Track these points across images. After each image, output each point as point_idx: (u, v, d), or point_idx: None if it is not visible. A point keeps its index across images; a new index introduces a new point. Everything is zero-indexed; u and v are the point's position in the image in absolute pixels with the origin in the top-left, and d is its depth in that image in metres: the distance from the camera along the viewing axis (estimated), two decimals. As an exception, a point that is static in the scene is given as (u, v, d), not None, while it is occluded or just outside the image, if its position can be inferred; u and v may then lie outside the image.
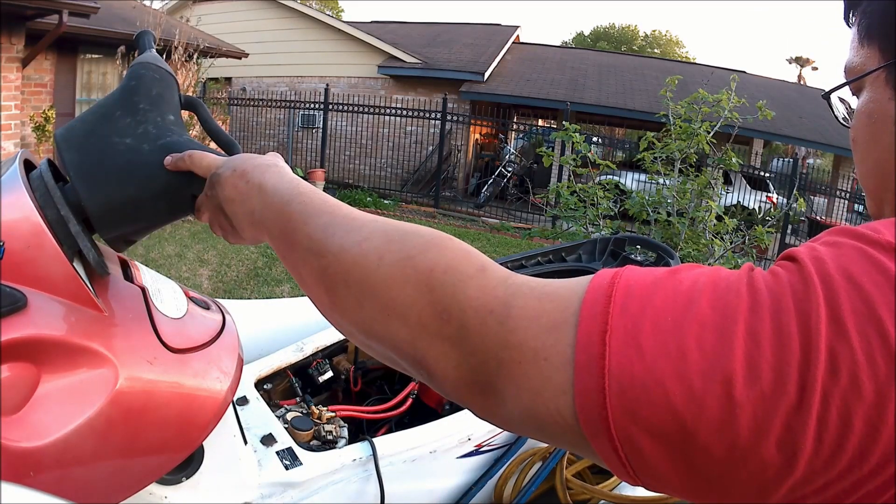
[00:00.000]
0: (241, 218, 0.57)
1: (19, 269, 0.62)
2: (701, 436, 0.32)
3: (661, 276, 0.38)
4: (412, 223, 0.48)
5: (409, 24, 16.03)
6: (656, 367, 0.33)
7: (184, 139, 0.68)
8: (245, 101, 12.28)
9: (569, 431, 0.36)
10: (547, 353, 0.37)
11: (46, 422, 0.61)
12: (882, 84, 0.46)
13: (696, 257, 4.66)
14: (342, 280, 0.46)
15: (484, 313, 0.39)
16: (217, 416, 0.76)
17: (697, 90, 4.94)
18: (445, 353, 0.41)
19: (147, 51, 0.76)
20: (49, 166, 0.69)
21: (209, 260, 5.34)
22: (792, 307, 0.33)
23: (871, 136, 0.48)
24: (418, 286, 0.42)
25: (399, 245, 0.45)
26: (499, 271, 0.42)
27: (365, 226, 0.48)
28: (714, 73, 9.27)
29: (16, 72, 6.34)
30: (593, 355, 0.35)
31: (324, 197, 0.53)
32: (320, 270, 0.47)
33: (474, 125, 12.20)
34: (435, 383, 0.43)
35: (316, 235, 0.49)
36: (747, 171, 10.18)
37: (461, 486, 1.22)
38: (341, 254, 0.46)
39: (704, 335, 0.33)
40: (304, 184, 0.56)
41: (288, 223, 0.52)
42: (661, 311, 0.35)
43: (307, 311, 1.57)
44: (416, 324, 0.42)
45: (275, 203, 0.54)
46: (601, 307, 0.36)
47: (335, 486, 1.03)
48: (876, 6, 0.47)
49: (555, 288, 0.40)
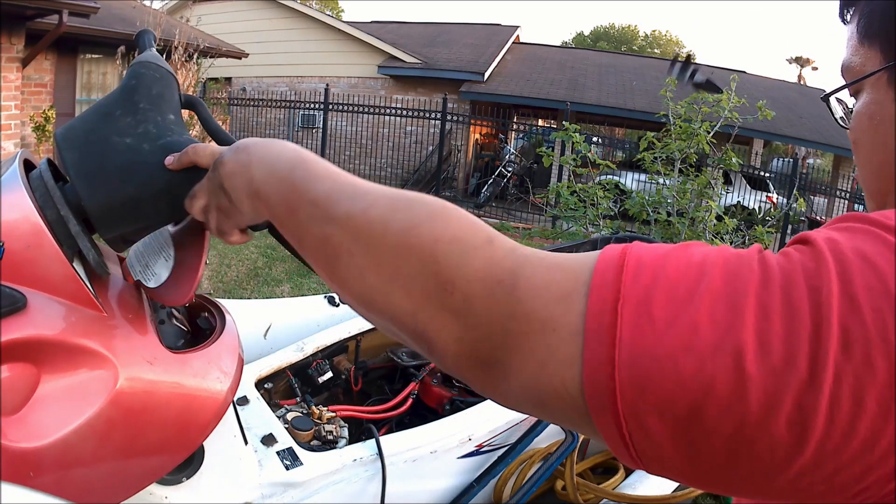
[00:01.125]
0: (241, 189, 0.56)
1: (19, 269, 0.62)
2: (710, 412, 0.31)
3: (671, 249, 0.37)
4: (416, 192, 0.47)
5: (409, 24, 16.03)
6: (668, 338, 0.33)
7: (184, 138, 0.68)
8: (245, 101, 12.28)
9: (571, 406, 0.36)
10: (555, 323, 0.36)
11: (46, 422, 0.61)
12: (884, 85, 0.46)
13: (697, 257, 4.65)
14: (346, 249, 0.44)
15: (491, 283, 0.38)
16: (217, 416, 0.76)
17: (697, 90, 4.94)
18: (447, 325, 0.40)
19: (147, 50, 0.76)
20: (49, 166, 0.69)
21: (209, 260, 5.34)
22: (803, 283, 0.32)
23: (874, 139, 0.47)
24: (422, 256, 0.41)
25: (404, 213, 0.43)
26: (506, 242, 0.41)
27: (369, 193, 0.46)
28: (714, 73, 9.27)
29: (16, 72, 6.34)
30: (604, 324, 0.34)
31: (327, 164, 0.52)
32: (323, 238, 0.46)
33: (474, 125, 12.19)
34: (435, 356, 0.42)
35: (320, 202, 0.47)
36: (747, 171, 10.17)
37: (461, 486, 1.22)
38: (346, 221, 0.45)
39: (716, 308, 0.33)
40: (308, 152, 0.54)
41: (291, 190, 0.50)
42: (674, 281, 0.34)
43: (307, 311, 1.57)
44: (420, 296, 0.41)
45: (277, 170, 0.53)
46: (613, 276, 0.35)
47: (336, 486, 1.03)
48: (876, 5, 0.47)
49: (565, 259, 0.39)
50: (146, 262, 0.74)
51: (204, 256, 0.70)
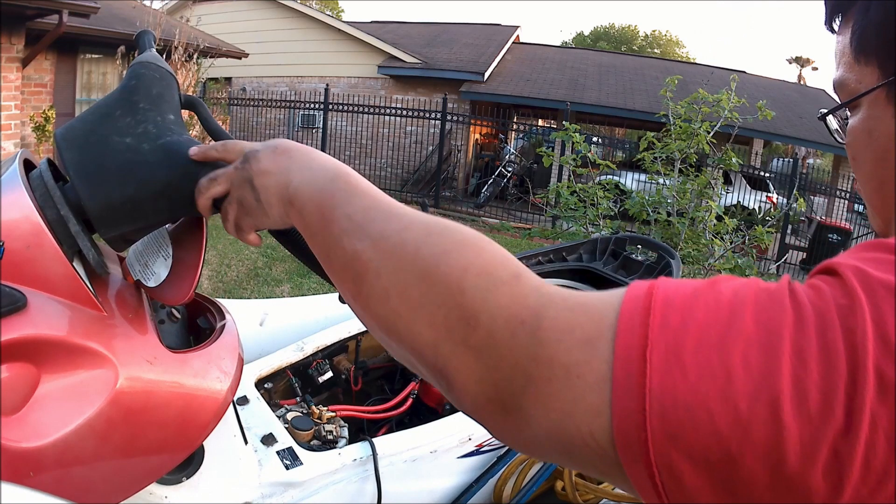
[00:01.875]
0: (274, 191, 0.55)
1: (19, 269, 0.62)
2: (746, 461, 0.31)
3: (700, 288, 0.36)
4: (450, 221, 0.46)
5: (409, 24, 16.03)
6: (701, 387, 0.31)
7: (184, 138, 0.68)
8: (245, 101, 12.28)
9: (601, 456, 0.34)
10: (580, 369, 0.34)
11: (46, 422, 0.61)
12: (883, 101, 0.45)
13: (696, 257, 4.66)
14: (374, 268, 0.44)
15: (515, 323, 0.37)
16: (217, 415, 0.76)
17: (697, 90, 4.95)
18: (468, 364, 0.39)
19: (147, 50, 0.76)
20: (49, 166, 0.69)
21: (209, 260, 5.34)
22: (837, 324, 0.32)
23: (875, 156, 0.47)
24: (449, 285, 0.40)
25: (437, 238, 0.43)
26: (532, 279, 0.40)
27: (406, 215, 0.46)
28: (714, 73, 9.28)
29: (16, 72, 6.34)
30: (633, 373, 0.33)
31: (366, 181, 0.52)
32: (353, 254, 0.46)
33: (474, 125, 12.20)
34: (454, 395, 0.41)
35: (356, 217, 0.47)
36: (747, 171, 10.18)
37: (461, 486, 1.22)
38: (379, 241, 0.45)
39: (750, 353, 0.32)
40: (347, 167, 0.54)
41: (329, 200, 0.50)
42: (704, 326, 0.33)
43: (307, 311, 1.57)
44: (442, 326, 0.40)
45: (318, 178, 0.52)
46: (640, 319, 0.34)
47: (336, 486, 1.03)
48: (870, 20, 0.45)
49: (589, 299, 0.38)
50: (145, 262, 0.74)
51: (202, 254, 0.70)
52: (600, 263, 2.20)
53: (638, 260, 2.19)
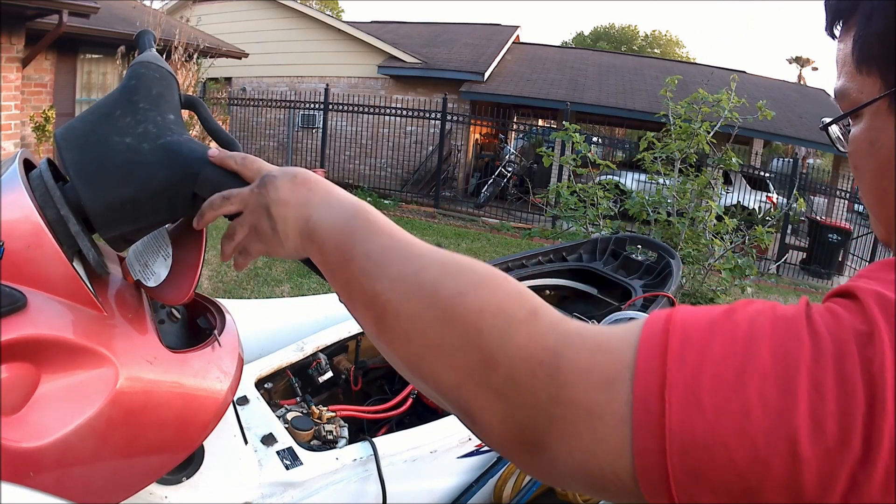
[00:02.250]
0: (292, 223, 0.55)
1: (19, 269, 0.62)
2: (766, 493, 0.31)
3: (717, 319, 0.36)
4: (466, 256, 0.46)
5: (409, 24, 16.03)
6: (719, 425, 0.32)
7: (184, 138, 0.68)
8: (245, 101, 12.28)
9: (626, 492, 0.35)
10: (601, 411, 0.35)
11: (46, 422, 0.61)
12: (885, 112, 0.45)
13: (696, 257, 4.66)
14: (393, 309, 0.44)
15: (534, 364, 0.38)
16: (217, 415, 0.76)
17: (697, 90, 4.95)
18: (491, 404, 0.39)
19: (147, 50, 0.76)
20: (49, 166, 0.69)
21: (209, 260, 5.34)
22: (856, 353, 0.32)
23: (877, 167, 0.46)
24: (467, 327, 0.41)
25: (454, 279, 0.43)
26: (550, 315, 0.41)
27: (424, 255, 0.46)
28: (714, 73, 9.28)
29: (16, 72, 6.34)
30: (652, 413, 0.33)
31: (385, 218, 0.52)
32: (373, 295, 0.46)
33: (474, 125, 12.19)
34: (479, 433, 0.41)
35: (375, 256, 0.47)
36: (747, 171, 10.18)
37: (461, 486, 1.22)
38: (397, 282, 0.45)
39: (767, 389, 0.32)
40: (366, 204, 0.54)
41: (349, 237, 0.50)
42: (721, 362, 0.34)
43: (307, 310, 1.57)
44: (463, 368, 0.40)
45: (338, 215, 0.52)
46: (658, 359, 0.35)
47: (335, 486, 1.03)
48: (872, 30, 0.45)
49: (606, 337, 0.38)
50: (145, 262, 0.74)
51: (202, 254, 0.70)
52: (600, 263, 2.20)
53: (638, 260, 2.19)
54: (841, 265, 9.70)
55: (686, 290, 4.75)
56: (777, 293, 7.24)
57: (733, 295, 4.92)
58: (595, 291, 2.11)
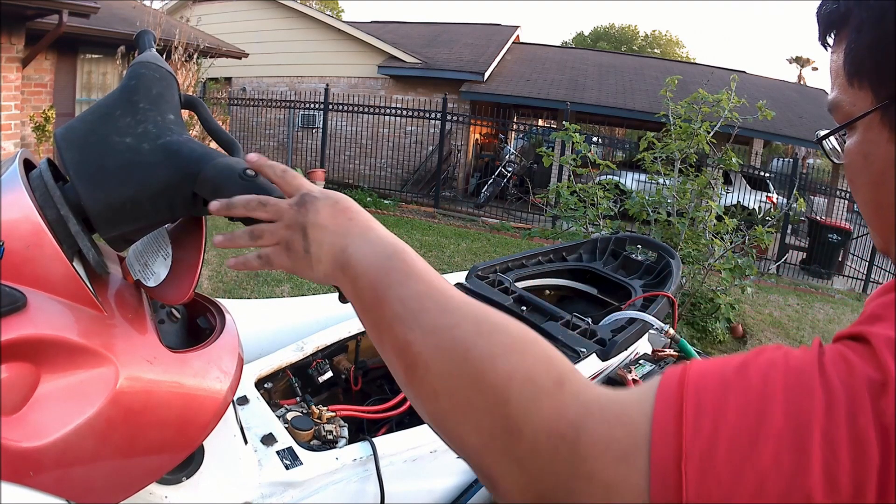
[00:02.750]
0: (328, 250, 0.54)
1: (19, 268, 0.62)
2: None
3: (730, 378, 0.36)
4: (500, 313, 0.46)
5: (409, 24, 16.03)
6: (735, 494, 0.33)
7: (184, 138, 0.68)
8: (245, 101, 12.28)
9: None
10: (619, 485, 0.36)
11: (46, 422, 0.61)
12: (878, 125, 0.45)
13: (696, 257, 4.66)
14: (424, 363, 0.44)
15: (556, 438, 0.38)
16: (217, 415, 0.76)
17: (697, 90, 4.95)
18: (513, 473, 0.39)
19: (147, 50, 0.76)
20: (49, 166, 0.69)
21: (209, 260, 5.34)
22: (869, 406, 0.32)
23: (872, 180, 0.47)
24: (495, 393, 0.41)
25: (487, 340, 0.43)
26: (574, 383, 0.41)
27: (459, 308, 0.46)
28: (714, 73, 9.27)
29: (16, 72, 6.34)
30: (669, 486, 0.34)
31: (423, 262, 0.51)
32: (405, 343, 0.46)
33: (474, 125, 12.20)
34: (498, 498, 0.41)
35: (409, 303, 0.47)
36: (747, 171, 10.18)
37: (461, 486, 1.22)
38: (430, 335, 0.45)
39: (781, 452, 0.33)
40: (404, 243, 0.53)
41: (384, 277, 0.49)
42: (736, 428, 0.34)
43: (307, 311, 1.57)
44: (488, 434, 0.40)
45: (376, 252, 0.51)
46: (673, 427, 0.35)
47: (335, 486, 1.03)
48: (863, 42, 0.45)
49: (623, 406, 0.38)
50: (145, 261, 0.74)
51: (202, 254, 0.70)
52: (600, 263, 2.20)
53: (638, 260, 2.19)
54: (841, 265, 9.70)
55: (686, 290, 4.75)
56: (777, 293, 7.24)
57: (733, 295, 4.92)
58: (595, 291, 2.11)
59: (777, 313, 6.24)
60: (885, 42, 0.43)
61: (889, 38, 0.43)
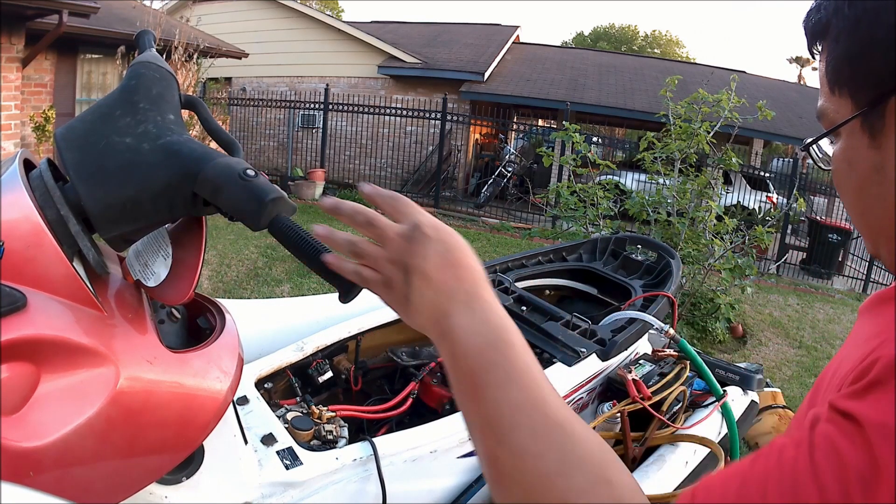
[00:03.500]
0: (429, 307, 0.51)
1: (19, 268, 0.62)
2: None
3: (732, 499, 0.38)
4: (588, 434, 0.47)
5: (409, 24, 16.03)
6: None
7: (184, 138, 0.68)
8: (245, 101, 12.28)
9: None
10: None
11: (46, 422, 0.61)
12: (858, 131, 0.46)
13: (696, 257, 4.66)
14: (507, 482, 0.45)
15: None
16: (217, 415, 0.76)
17: (697, 90, 4.95)
18: None
19: (147, 50, 0.76)
20: (49, 166, 0.69)
21: (209, 260, 5.34)
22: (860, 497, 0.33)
23: (856, 185, 0.48)
24: None
25: (565, 481, 0.44)
26: None
27: (548, 434, 0.46)
28: (714, 73, 9.28)
29: (16, 72, 6.34)
30: None
31: (525, 353, 0.49)
32: (493, 455, 0.46)
33: (474, 125, 12.20)
34: None
35: (504, 413, 0.46)
36: (747, 171, 10.18)
37: (461, 486, 1.22)
38: (517, 457, 0.45)
39: None
40: (513, 328, 0.50)
41: (485, 372, 0.48)
42: None
43: (307, 311, 1.57)
44: None
45: (481, 333, 0.49)
46: None
47: (335, 486, 1.03)
48: (840, 51, 0.46)
49: None
50: (145, 261, 0.74)
51: (202, 254, 0.70)
52: (600, 263, 2.20)
53: (638, 260, 2.19)
54: (841, 265, 9.70)
55: (686, 290, 4.75)
56: (777, 293, 7.24)
57: (733, 295, 4.92)
58: (595, 291, 2.11)
59: (777, 313, 6.24)
60: (860, 51, 0.45)
61: (864, 46, 0.44)
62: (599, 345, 1.53)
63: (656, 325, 1.66)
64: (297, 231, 0.62)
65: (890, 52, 0.43)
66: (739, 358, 4.70)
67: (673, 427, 1.58)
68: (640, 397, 1.48)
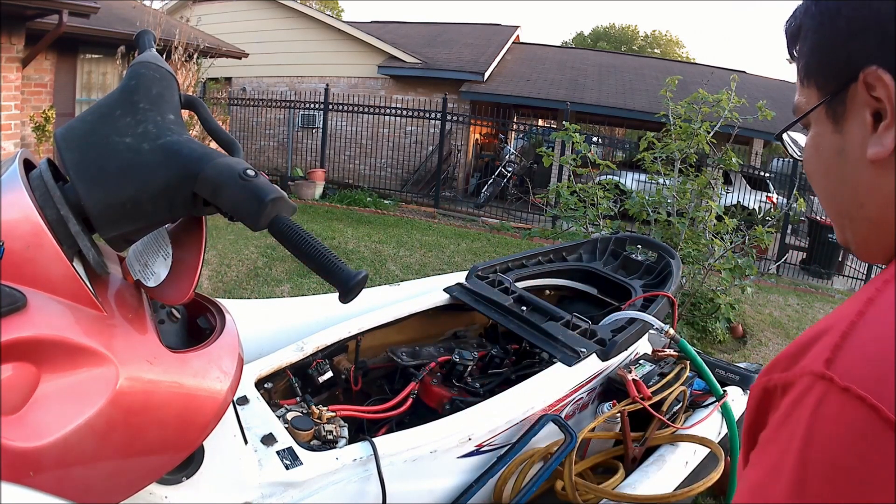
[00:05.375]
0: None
1: (19, 269, 0.62)
2: None
3: None
4: None
5: (409, 24, 16.03)
6: None
7: (184, 138, 0.68)
8: (245, 101, 12.28)
9: None
10: None
11: (46, 422, 0.61)
12: (824, 119, 0.50)
13: (696, 257, 4.66)
14: None
15: None
16: (217, 415, 0.76)
17: (697, 90, 4.95)
18: None
19: (147, 50, 0.76)
20: (49, 166, 0.69)
21: (209, 260, 5.33)
22: None
23: (822, 170, 0.51)
24: None
25: None
26: None
27: None
28: (714, 73, 9.27)
29: (16, 72, 6.34)
30: None
31: None
32: None
33: (474, 125, 12.19)
34: None
35: None
36: (747, 171, 10.17)
37: (461, 486, 1.22)
38: None
39: None
40: None
41: None
42: None
43: (307, 311, 1.57)
44: None
45: None
46: None
47: (335, 486, 1.03)
48: (808, 45, 0.51)
49: None
50: (145, 262, 0.74)
51: (202, 254, 0.70)
52: (600, 263, 2.20)
53: (638, 260, 2.19)
54: (841, 265, 9.70)
55: (686, 290, 4.75)
56: (777, 293, 7.24)
57: (733, 295, 4.92)
58: (595, 291, 2.11)
59: (777, 313, 6.24)
60: (825, 43, 0.49)
61: (828, 38, 0.49)
62: (599, 345, 1.53)
63: (656, 326, 1.66)
64: (297, 231, 0.62)
65: (849, 42, 0.47)
66: (739, 358, 4.69)
67: (673, 427, 1.58)
68: (640, 397, 1.48)
